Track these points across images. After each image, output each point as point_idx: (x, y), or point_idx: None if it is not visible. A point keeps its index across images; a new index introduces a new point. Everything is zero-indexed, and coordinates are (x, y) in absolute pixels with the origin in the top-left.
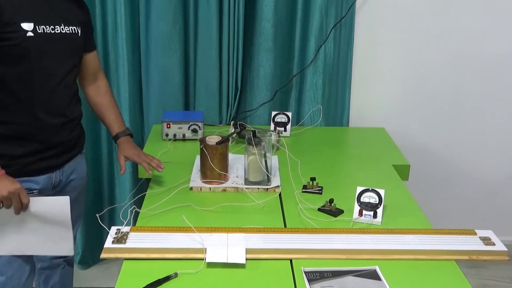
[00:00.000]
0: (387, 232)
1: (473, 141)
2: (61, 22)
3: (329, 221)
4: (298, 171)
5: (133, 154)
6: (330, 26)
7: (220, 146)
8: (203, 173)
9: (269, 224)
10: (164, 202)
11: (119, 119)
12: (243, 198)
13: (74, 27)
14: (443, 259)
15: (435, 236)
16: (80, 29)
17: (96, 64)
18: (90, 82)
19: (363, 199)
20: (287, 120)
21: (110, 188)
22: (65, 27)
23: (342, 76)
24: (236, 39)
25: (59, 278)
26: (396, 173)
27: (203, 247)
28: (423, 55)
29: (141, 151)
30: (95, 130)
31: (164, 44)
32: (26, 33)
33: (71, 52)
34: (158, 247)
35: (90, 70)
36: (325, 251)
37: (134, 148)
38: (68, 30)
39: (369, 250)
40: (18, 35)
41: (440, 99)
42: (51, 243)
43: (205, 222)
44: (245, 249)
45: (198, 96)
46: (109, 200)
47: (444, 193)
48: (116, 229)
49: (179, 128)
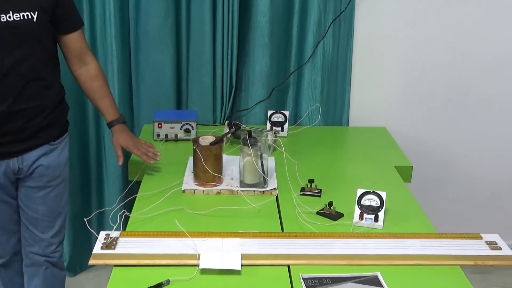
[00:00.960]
0: (389, 236)
1: (479, 141)
2: (9, 10)
3: (328, 225)
4: (295, 173)
5: (130, 145)
6: (329, 21)
7: (214, 147)
8: (196, 175)
9: (265, 228)
10: (156, 206)
11: (112, 106)
12: (238, 201)
13: (28, 13)
14: (447, 264)
15: (439, 240)
16: (38, 14)
17: (80, 45)
18: (78, 65)
19: (364, 202)
20: (284, 119)
21: (99, 191)
22: (14, 14)
23: (342, 74)
24: (231, 34)
25: (42, 282)
26: (398, 175)
27: (196, 252)
28: (426, 51)
29: (137, 140)
30: (82, 132)
31: (155, 39)
32: None
33: (22, 40)
34: (149, 253)
35: (74, 52)
36: (324, 257)
37: (130, 138)
38: (18, 17)
39: (371, 256)
40: None
41: (444, 97)
42: None
43: (199, 226)
44: (241, 255)
45: (191, 94)
46: (97, 203)
47: (448, 195)
48: (105, 234)
49: (171, 128)
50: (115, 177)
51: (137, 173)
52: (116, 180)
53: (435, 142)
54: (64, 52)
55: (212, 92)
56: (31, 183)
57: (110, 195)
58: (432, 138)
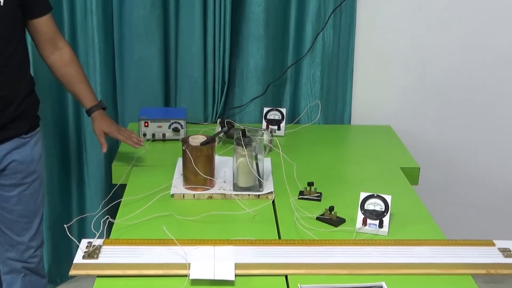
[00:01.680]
0: (394, 243)
1: (491, 141)
2: None
3: (329, 231)
4: (293, 175)
5: (113, 130)
6: (329, 11)
7: (205, 147)
8: (186, 178)
9: (261, 235)
10: (142, 211)
11: (90, 91)
12: (231, 206)
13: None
14: (458, 273)
15: (449, 247)
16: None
17: (50, 29)
18: (50, 51)
19: (368, 206)
20: (281, 117)
21: (80, 195)
22: None
23: (343, 67)
24: (223, 26)
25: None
26: (404, 177)
27: (186, 262)
28: (434, 44)
29: (119, 126)
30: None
31: (141, 31)
32: None
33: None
34: (135, 263)
35: (44, 37)
36: (325, 266)
37: (112, 123)
38: None
39: (375, 264)
40: None
41: (454, 93)
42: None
43: (189, 233)
44: (234, 264)
45: (180, 91)
46: (78, 208)
47: (458, 198)
48: (87, 242)
49: (159, 127)
50: (97, 180)
51: (121, 176)
52: (98, 184)
53: (444, 141)
54: (35, 39)
55: (203, 88)
56: (4, 181)
57: (92, 199)
58: (441, 137)
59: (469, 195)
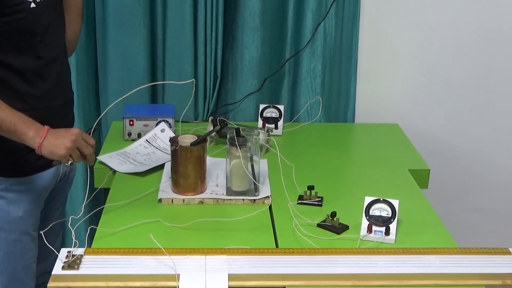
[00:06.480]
0: (402, 252)
1: (507, 142)
2: None
3: (331, 239)
4: (292, 178)
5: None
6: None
7: (195, 148)
8: (175, 182)
9: (257, 244)
10: (127, 218)
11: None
12: (224, 212)
13: None
14: (471, 284)
15: (461, 256)
16: None
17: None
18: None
19: (373, 212)
20: (279, 115)
21: None
22: None
23: (346, 61)
24: (215, 15)
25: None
26: (413, 180)
27: (175, 273)
28: (446, 35)
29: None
30: None
31: (125, 20)
32: (29, 4)
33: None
34: (119, 274)
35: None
36: (326, 277)
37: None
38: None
39: (381, 275)
40: (23, 7)
41: (466, 89)
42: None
43: (178, 242)
44: (228, 275)
45: (168, 86)
46: None
47: (471, 203)
48: (67, 251)
49: (145, 125)
50: (77, 183)
51: (103, 179)
52: (79, 187)
53: (456, 142)
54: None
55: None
56: (63, 190)
57: (72, 205)
58: (452, 137)
59: (483, 199)
